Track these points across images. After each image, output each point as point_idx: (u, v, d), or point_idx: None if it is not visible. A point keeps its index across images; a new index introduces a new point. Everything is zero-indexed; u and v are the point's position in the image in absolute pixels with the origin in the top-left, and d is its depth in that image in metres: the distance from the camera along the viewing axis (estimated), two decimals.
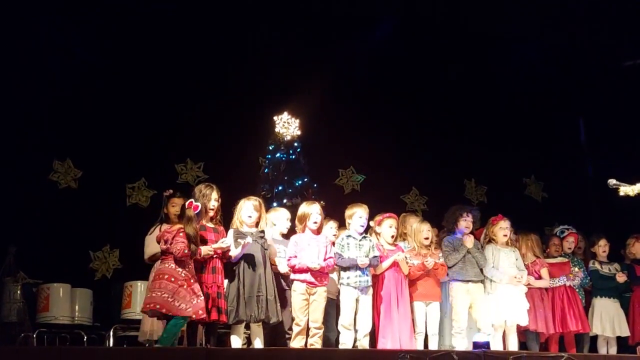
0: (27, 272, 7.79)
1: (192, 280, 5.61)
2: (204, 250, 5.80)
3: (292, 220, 6.51)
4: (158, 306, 5.47)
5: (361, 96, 9.73)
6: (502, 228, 6.79)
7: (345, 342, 6.05)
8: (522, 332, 6.80)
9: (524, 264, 6.84)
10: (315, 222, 6.19)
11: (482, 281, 6.60)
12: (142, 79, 8.89)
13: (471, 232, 6.74)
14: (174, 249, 5.57)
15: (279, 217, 6.59)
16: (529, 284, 6.77)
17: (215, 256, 5.89)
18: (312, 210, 6.22)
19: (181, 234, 5.63)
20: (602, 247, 7.49)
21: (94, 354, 5.16)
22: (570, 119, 10.70)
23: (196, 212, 5.77)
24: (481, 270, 6.60)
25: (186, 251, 5.56)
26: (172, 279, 5.53)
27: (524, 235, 7.06)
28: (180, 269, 5.58)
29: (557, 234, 7.53)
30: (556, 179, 10.52)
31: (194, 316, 5.54)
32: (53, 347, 6.91)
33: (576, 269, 7.13)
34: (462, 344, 6.27)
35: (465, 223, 6.67)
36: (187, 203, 5.79)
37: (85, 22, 8.64)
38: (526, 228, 7.21)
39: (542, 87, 10.32)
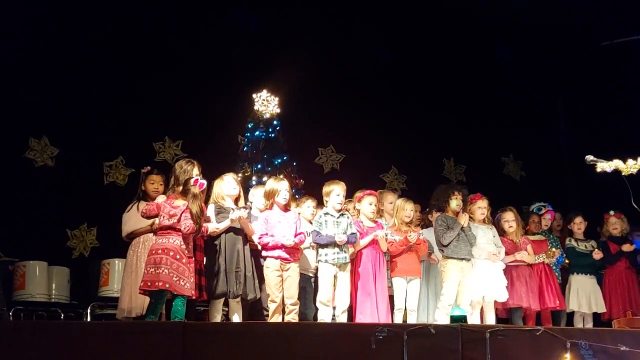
0: (3, 250, 7.76)
1: (192, 259, 5.57)
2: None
3: None
4: (167, 285, 5.34)
5: (341, 75, 9.68)
6: (480, 207, 6.82)
7: (324, 318, 6.04)
8: (506, 309, 6.83)
9: (516, 240, 6.88)
10: (285, 198, 6.17)
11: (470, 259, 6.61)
12: (120, 56, 8.76)
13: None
14: (183, 224, 5.48)
15: (256, 193, 6.55)
16: (515, 260, 6.80)
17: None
18: (280, 186, 6.18)
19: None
20: (577, 225, 7.53)
21: (70, 329, 5.09)
22: (548, 99, 10.72)
23: (201, 189, 5.69)
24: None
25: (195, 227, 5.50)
26: (177, 256, 5.45)
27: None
28: (184, 246, 5.51)
29: (535, 211, 7.56)
30: (534, 158, 10.58)
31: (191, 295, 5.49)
32: (28, 321, 6.85)
33: (554, 249, 7.15)
34: (444, 319, 6.29)
35: (457, 202, 6.67)
36: (192, 180, 5.69)
37: None
38: (503, 207, 7.20)
39: (521, 67, 10.33)
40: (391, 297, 6.42)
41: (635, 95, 9.39)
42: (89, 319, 7.13)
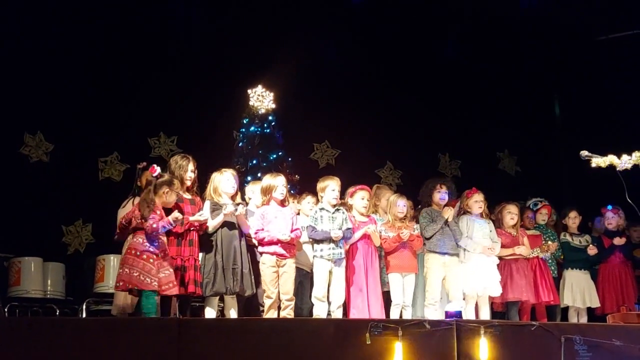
0: None
1: (160, 255, 5.56)
2: (172, 217, 5.66)
3: None
4: (129, 285, 5.45)
5: (336, 70, 9.65)
6: (477, 201, 6.81)
7: (319, 313, 6.05)
8: (502, 303, 6.84)
9: (514, 233, 6.90)
10: (282, 194, 6.17)
11: (457, 254, 6.61)
12: (115, 53, 8.74)
13: (446, 204, 6.74)
14: (146, 224, 5.52)
15: (255, 189, 6.54)
16: (513, 254, 6.82)
17: (192, 229, 5.85)
18: (277, 182, 6.18)
19: (158, 212, 5.58)
20: (572, 219, 7.54)
21: (65, 325, 5.10)
22: (544, 94, 10.73)
23: (154, 174, 5.68)
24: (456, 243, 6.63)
25: (154, 225, 5.50)
26: (138, 253, 5.49)
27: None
28: (148, 244, 5.52)
29: (531, 206, 7.57)
30: (529, 153, 10.59)
31: (163, 288, 5.49)
32: (24, 317, 6.85)
33: (550, 242, 7.17)
34: (434, 315, 6.30)
35: (440, 194, 6.68)
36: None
37: None
38: (505, 200, 7.21)
39: (517, 63, 10.33)
40: (389, 293, 6.43)
41: (630, 91, 9.40)
42: (84, 315, 7.12)
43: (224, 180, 6.14)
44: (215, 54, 9.08)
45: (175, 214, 5.64)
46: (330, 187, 6.30)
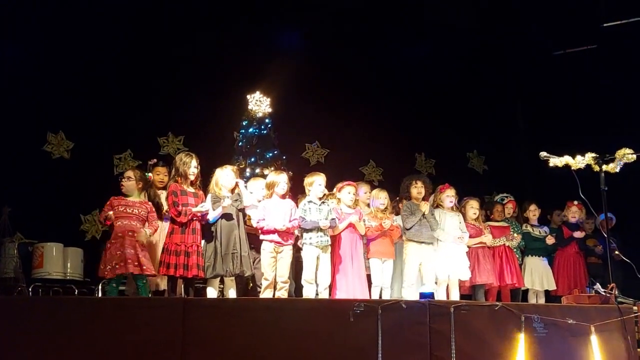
0: (24, 234, 7.66)
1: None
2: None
3: None
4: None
5: (326, 78, 9.62)
6: (449, 195, 6.83)
7: (308, 294, 6.04)
8: (471, 286, 6.86)
9: (478, 225, 6.91)
10: (283, 189, 6.16)
11: (432, 243, 6.61)
12: (130, 59, 8.68)
13: (423, 199, 6.74)
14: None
15: (256, 186, 6.53)
16: (480, 243, 6.83)
17: (195, 219, 5.84)
18: (280, 178, 6.19)
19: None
20: (532, 212, 7.57)
21: (82, 304, 5.07)
22: (508, 101, 10.76)
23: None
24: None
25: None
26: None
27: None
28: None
29: (499, 201, 7.58)
30: (495, 153, 10.63)
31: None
32: (46, 296, 6.82)
33: (516, 235, 7.19)
34: (411, 295, 6.32)
35: (416, 189, 6.69)
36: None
37: None
38: (469, 196, 7.22)
39: (484, 72, 10.36)
40: (370, 276, 6.44)
41: (584, 98, 9.44)
42: (99, 294, 7.09)
43: (224, 175, 6.13)
44: (219, 62, 9.05)
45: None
46: (317, 182, 6.29)
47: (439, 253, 6.63)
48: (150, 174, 6.46)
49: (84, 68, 8.44)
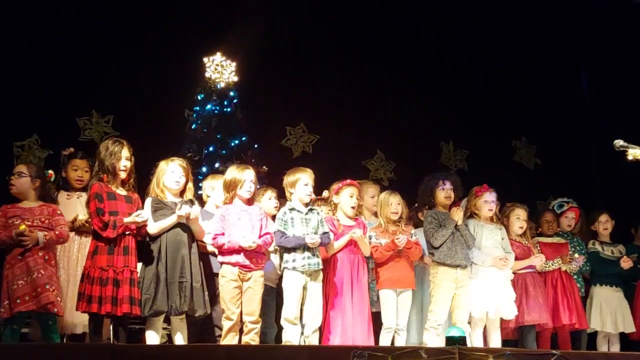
0: None
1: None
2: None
3: None
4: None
5: (315, 36, 9.67)
6: (488, 201, 6.83)
7: (290, 339, 6.01)
8: (517, 328, 6.87)
9: (526, 242, 6.95)
10: (249, 191, 6.11)
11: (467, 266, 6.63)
12: (39, 13, 8.68)
13: (452, 205, 6.74)
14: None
15: (215, 185, 6.53)
16: (529, 266, 6.87)
17: (127, 233, 5.80)
18: (244, 176, 6.11)
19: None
20: (603, 224, 7.59)
21: None
22: (570, 69, 10.79)
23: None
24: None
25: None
26: None
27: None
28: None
29: (555, 208, 7.59)
30: (551, 142, 10.67)
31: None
32: None
33: (576, 255, 7.19)
34: (434, 342, 6.31)
35: (444, 193, 6.68)
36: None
37: None
38: (514, 202, 7.24)
39: (535, 30, 10.37)
40: (379, 314, 6.43)
41: None
42: None
43: (166, 172, 6.07)
44: (163, 13, 9.02)
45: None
46: (302, 181, 6.23)
47: (474, 281, 6.63)
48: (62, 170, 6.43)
49: None
